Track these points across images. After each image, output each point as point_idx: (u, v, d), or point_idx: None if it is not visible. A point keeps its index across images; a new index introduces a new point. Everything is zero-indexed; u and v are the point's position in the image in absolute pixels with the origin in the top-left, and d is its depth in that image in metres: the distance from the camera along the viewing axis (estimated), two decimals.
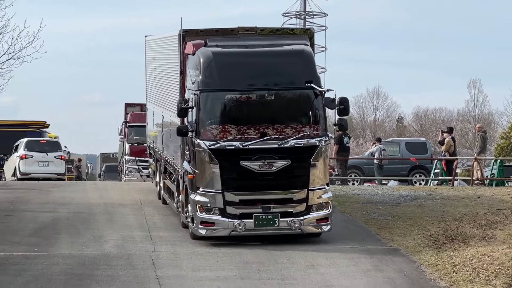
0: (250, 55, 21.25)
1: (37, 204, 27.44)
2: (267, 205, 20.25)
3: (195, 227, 20.54)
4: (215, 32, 22.05)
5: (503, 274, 18.04)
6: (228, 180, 20.16)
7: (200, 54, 20.77)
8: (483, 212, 23.54)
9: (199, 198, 20.38)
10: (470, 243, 20.20)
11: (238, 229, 20.12)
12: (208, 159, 20.10)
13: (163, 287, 17.66)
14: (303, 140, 20.26)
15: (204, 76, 20.35)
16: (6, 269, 18.87)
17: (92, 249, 20.86)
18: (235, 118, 20.51)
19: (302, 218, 20.34)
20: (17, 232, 22.72)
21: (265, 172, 20.05)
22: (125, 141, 44.33)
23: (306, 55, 20.95)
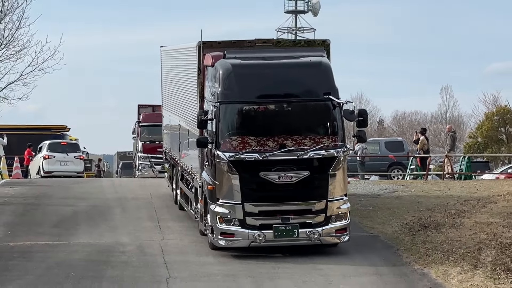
0: (269, 67, 19.36)
1: (59, 199, 27.46)
2: (287, 216, 18.34)
3: (215, 238, 18.58)
4: (232, 44, 20.37)
5: (470, 257, 18.08)
6: (248, 191, 18.31)
7: (219, 66, 18.95)
8: (452, 202, 23.56)
9: (218, 209, 18.45)
10: (441, 230, 20.24)
11: (258, 240, 18.19)
12: (228, 171, 18.27)
13: (170, 271, 17.68)
14: (322, 152, 18.40)
15: (224, 88, 18.48)
16: (32, 256, 18.91)
17: (107, 238, 20.90)
18: (254, 129, 18.59)
19: (321, 229, 18.38)
20: (41, 223, 22.74)
21: (284, 183, 18.23)
22: (138, 139, 42.86)
23: (324, 66, 19.10)
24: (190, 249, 19.68)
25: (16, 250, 19.53)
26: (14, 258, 18.78)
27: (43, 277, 17.24)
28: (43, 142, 42.14)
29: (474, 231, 19.75)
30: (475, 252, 18.34)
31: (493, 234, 19.39)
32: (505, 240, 18.99)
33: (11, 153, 37.57)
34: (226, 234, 18.35)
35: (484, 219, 20.76)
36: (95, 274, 17.43)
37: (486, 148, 67.63)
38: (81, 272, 17.57)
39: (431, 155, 39.34)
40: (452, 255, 18.25)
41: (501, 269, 17.49)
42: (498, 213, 21.38)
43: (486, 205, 22.82)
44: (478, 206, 22.81)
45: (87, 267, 18.02)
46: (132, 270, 17.80)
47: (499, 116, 69.95)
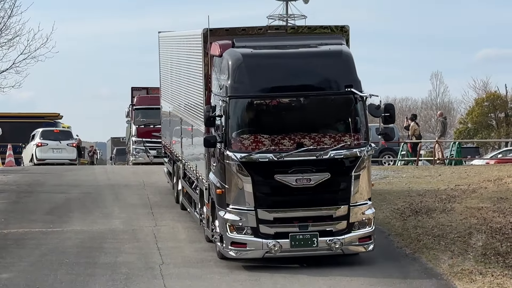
0: (284, 56, 17.11)
1: (51, 186, 27.47)
2: (305, 223, 16.11)
3: (225, 248, 16.36)
4: (241, 32, 18.07)
5: (460, 242, 18.15)
6: (262, 196, 16.04)
7: (228, 56, 16.65)
8: (443, 188, 23.63)
9: (229, 216, 16.21)
10: (432, 215, 20.29)
11: (273, 251, 15.98)
12: (239, 173, 16.00)
13: (163, 257, 17.69)
14: (343, 151, 16.16)
15: (233, 81, 16.23)
16: (25, 244, 18.92)
17: (100, 225, 20.90)
18: (268, 127, 16.36)
19: (343, 237, 16.21)
20: (34, 211, 22.75)
21: (302, 187, 15.97)
22: (132, 123, 41.70)
23: (345, 56, 16.76)
24: (183, 236, 19.69)
25: (9, 238, 19.54)
26: (7, 245, 18.79)
27: (37, 264, 17.25)
28: (36, 130, 42.15)
29: (464, 216, 19.81)
30: (466, 236, 18.40)
31: (484, 219, 19.44)
32: (495, 225, 19.06)
33: (4, 141, 37.57)
34: (237, 244, 16.17)
35: (475, 204, 20.81)
36: (88, 261, 17.45)
37: (476, 134, 67.79)
38: (74, 259, 17.59)
39: (421, 141, 39.39)
40: (443, 240, 18.30)
41: (492, 253, 17.56)
42: (488, 198, 21.44)
43: (476, 190, 22.88)
44: (468, 191, 22.87)
45: (81, 253, 18.04)
46: (125, 256, 17.82)
47: (489, 102, 70.07)
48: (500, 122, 69.26)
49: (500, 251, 17.67)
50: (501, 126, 68.50)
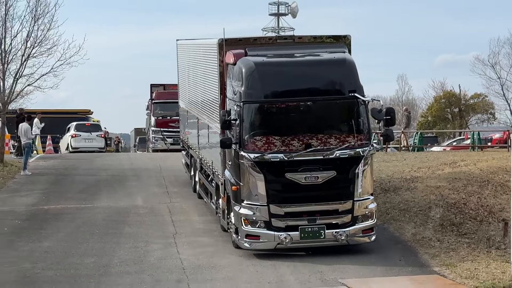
0: (292, 64, 15.93)
1: (84, 170, 27.45)
2: (313, 217, 15.12)
3: (240, 240, 15.33)
4: (253, 41, 16.97)
5: (422, 215, 18.18)
6: (273, 193, 15.04)
7: (241, 64, 15.55)
8: (408, 170, 23.62)
9: (243, 211, 15.17)
10: (398, 192, 20.29)
11: (285, 242, 14.97)
12: (253, 172, 14.98)
13: (176, 228, 17.72)
14: (348, 151, 15.14)
15: (247, 87, 15.14)
16: (62, 217, 18.93)
17: (124, 202, 20.91)
18: (279, 129, 15.28)
19: (348, 229, 15.20)
20: (69, 190, 22.75)
21: (310, 184, 14.97)
22: (151, 115, 40.14)
23: (349, 63, 15.65)
24: (193, 210, 19.71)
25: (49, 212, 19.55)
26: (48, 219, 18.80)
27: (72, 234, 17.27)
28: (71, 123, 42.17)
29: (425, 193, 19.83)
30: (426, 210, 18.43)
31: (441, 196, 19.47)
32: (451, 200, 19.09)
33: (44, 132, 37.40)
34: (252, 236, 15.15)
35: (434, 184, 20.82)
36: (114, 231, 17.47)
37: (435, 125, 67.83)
38: (103, 230, 17.61)
39: None
40: (407, 213, 18.33)
41: (447, 224, 17.62)
42: (444, 178, 21.44)
43: (435, 172, 22.88)
44: (428, 172, 22.86)
45: (108, 225, 18.05)
46: (146, 227, 17.85)
47: (445, 99, 70.15)
48: (454, 115, 69.34)
49: (454, 222, 17.72)
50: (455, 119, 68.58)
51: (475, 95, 70.25)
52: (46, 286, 13.59)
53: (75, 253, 15.67)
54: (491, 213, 18.28)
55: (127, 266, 14.80)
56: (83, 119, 45.78)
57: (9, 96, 26.19)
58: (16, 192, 22.27)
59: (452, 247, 16.12)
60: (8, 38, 26.11)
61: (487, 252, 15.76)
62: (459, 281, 13.76)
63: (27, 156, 25.97)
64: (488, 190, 20.05)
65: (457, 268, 14.54)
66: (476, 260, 15.13)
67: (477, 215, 18.20)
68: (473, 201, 19.03)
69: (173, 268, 14.62)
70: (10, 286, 13.61)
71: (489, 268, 14.54)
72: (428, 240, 16.52)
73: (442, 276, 14.16)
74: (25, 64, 26.22)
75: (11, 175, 24.86)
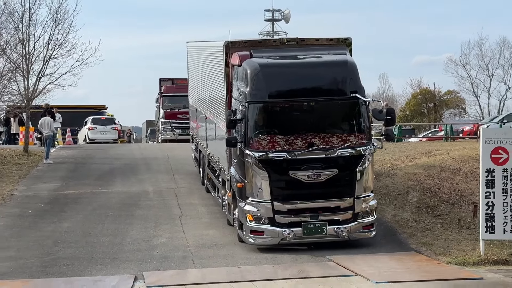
0: (296, 66, 14.94)
1: (100, 159, 27.41)
2: (315, 213, 14.15)
3: (245, 235, 14.41)
4: (258, 44, 16.14)
5: (400, 198, 18.18)
6: (277, 190, 14.09)
7: (247, 65, 14.62)
8: (388, 158, 23.63)
9: (248, 208, 14.20)
10: (379, 178, 20.28)
11: (288, 238, 14.03)
12: (257, 170, 14.03)
13: (182, 211, 17.72)
14: (349, 150, 14.15)
15: (252, 88, 14.20)
16: (81, 201, 18.92)
17: (136, 187, 20.89)
18: (283, 128, 14.30)
19: (349, 226, 14.24)
20: (87, 177, 22.72)
21: (313, 181, 14.00)
22: (160, 107, 38.75)
23: (350, 65, 14.65)
24: (197, 195, 19.69)
25: (69, 197, 19.53)
26: (67, 202, 18.79)
27: (90, 216, 17.27)
28: (88, 117, 42.17)
29: (403, 179, 19.83)
30: (404, 194, 18.44)
31: (418, 181, 19.47)
32: (426, 185, 19.09)
33: (64, 125, 37.31)
34: (256, 232, 14.20)
35: (411, 170, 20.82)
36: (127, 213, 17.48)
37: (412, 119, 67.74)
38: (117, 212, 17.61)
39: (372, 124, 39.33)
40: (387, 197, 18.33)
41: (423, 206, 17.63)
42: (421, 166, 21.44)
43: (412, 160, 22.87)
44: (406, 161, 22.86)
45: (122, 208, 18.05)
46: (155, 210, 17.84)
47: (421, 95, 70.06)
48: (430, 110, 69.27)
49: (429, 205, 17.73)
50: (430, 113, 68.51)
51: (448, 92, 70.27)
52: (66, 262, 13.62)
53: (92, 233, 15.68)
54: (462, 197, 18.30)
55: (138, 244, 14.81)
56: (98, 113, 45.70)
57: (32, 93, 26.20)
58: (39, 178, 22.25)
59: (427, 227, 16.14)
60: (31, 41, 26.17)
61: (458, 232, 15.79)
62: (433, 257, 13.80)
63: (49, 146, 26.00)
64: (459, 177, 20.06)
65: (432, 246, 14.57)
66: (449, 239, 15.16)
67: (449, 198, 18.22)
68: (446, 186, 19.04)
69: (179, 246, 14.63)
70: (35, 262, 13.62)
71: (460, 245, 14.57)
72: (406, 221, 16.53)
73: (419, 253, 14.19)
74: (46, 65, 26.29)
75: (34, 164, 24.83)
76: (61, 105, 37.13)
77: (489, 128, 22.38)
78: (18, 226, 16.29)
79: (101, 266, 13.33)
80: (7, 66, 25.80)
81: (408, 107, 70.63)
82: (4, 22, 25.98)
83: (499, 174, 13.50)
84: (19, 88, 26.27)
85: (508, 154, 13.50)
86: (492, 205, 13.49)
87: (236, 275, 12.43)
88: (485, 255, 13.47)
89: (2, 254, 14.20)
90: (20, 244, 14.83)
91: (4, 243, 14.99)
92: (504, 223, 13.47)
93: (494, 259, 13.26)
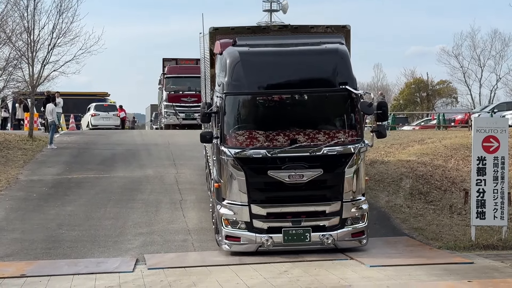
0: (280, 54, 13.08)
1: (102, 144, 27.38)
2: (298, 218, 12.22)
3: (220, 241, 12.65)
4: (246, 30, 14.24)
5: (394, 184, 18.22)
6: (255, 192, 12.19)
7: (226, 54, 12.82)
8: (382, 146, 23.67)
9: (223, 211, 12.39)
10: (374, 165, 20.33)
11: (266, 245, 12.20)
12: (233, 168, 12.16)
13: (182, 195, 17.71)
14: (337, 148, 12.17)
15: (230, 78, 12.38)
16: (84, 185, 18.91)
17: (137, 172, 20.88)
18: (263, 123, 12.49)
19: (336, 233, 12.31)
20: (89, 162, 22.71)
21: (295, 182, 12.06)
22: (163, 89, 35.76)
23: (341, 54, 12.70)
24: (197, 180, 19.68)
25: (72, 181, 19.51)
26: (71, 186, 18.78)
27: (92, 200, 17.26)
28: (91, 104, 42.11)
29: (397, 166, 19.87)
30: (398, 181, 18.47)
31: (411, 168, 19.51)
32: (419, 172, 19.13)
33: (68, 111, 37.28)
34: (232, 237, 12.38)
35: (404, 158, 20.86)
36: (129, 198, 17.47)
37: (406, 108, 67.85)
38: (119, 196, 17.60)
39: None
40: (381, 183, 18.36)
41: (416, 192, 17.66)
42: (414, 153, 21.48)
43: (405, 148, 22.92)
44: (400, 148, 22.91)
45: (123, 193, 18.04)
46: (156, 194, 17.83)
47: (415, 85, 70.15)
48: (422, 99, 69.35)
49: (422, 191, 17.76)
50: (423, 102, 68.59)
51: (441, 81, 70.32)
52: (70, 244, 13.63)
53: (95, 216, 15.68)
54: (454, 184, 18.33)
55: (139, 228, 14.81)
56: (101, 100, 45.63)
57: (37, 80, 26.18)
58: (43, 163, 22.23)
59: (420, 212, 16.16)
60: (36, 30, 26.17)
61: (450, 218, 15.81)
62: (425, 242, 13.82)
63: (53, 132, 26.03)
64: (451, 164, 20.09)
65: (424, 231, 14.59)
66: (441, 224, 15.19)
67: (441, 185, 18.24)
68: (438, 173, 19.06)
69: (179, 230, 14.63)
70: (39, 244, 13.63)
71: (452, 231, 14.59)
72: (399, 206, 16.56)
73: (411, 238, 14.21)
74: (51, 53, 26.28)
75: (39, 149, 24.80)
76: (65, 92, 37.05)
77: (481, 117, 22.38)
78: (23, 209, 16.28)
79: (103, 248, 13.35)
80: (12, 53, 25.80)
81: (401, 96, 70.74)
82: (9, 10, 25.98)
83: (490, 162, 13.51)
84: (24, 75, 26.24)
85: (499, 143, 13.50)
86: (483, 192, 13.50)
87: (234, 258, 12.43)
88: (475, 240, 13.50)
89: (7, 236, 14.21)
90: (25, 227, 14.84)
91: (9, 225, 14.99)
92: (494, 209, 13.50)
93: (484, 244, 13.30)
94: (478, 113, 34.37)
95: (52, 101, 27.50)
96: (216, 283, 10.68)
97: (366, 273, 11.20)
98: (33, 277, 11.30)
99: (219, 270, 11.56)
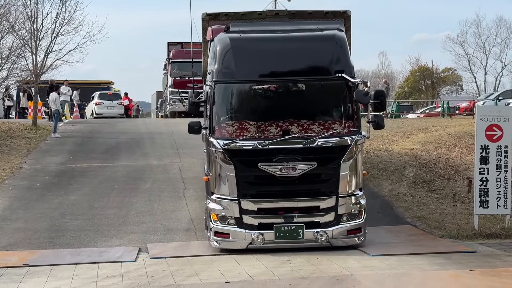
0: (273, 40, 12.27)
1: (106, 133, 27.38)
2: (290, 214, 11.51)
3: (209, 238, 12.03)
4: (241, 16, 13.67)
5: (397, 173, 18.17)
6: (245, 186, 11.47)
7: (217, 40, 12.18)
8: (386, 134, 23.59)
9: (212, 206, 11.76)
10: (377, 154, 20.29)
11: (256, 243, 11.51)
12: (222, 161, 11.49)
13: (185, 184, 17.70)
14: (332, 139, 11.46)
15: (220, 65, 11.71)
16: (87, 174, 18.91)
17: (141, 161, 20.86)
18: (255, 113, 11.85)
19: (330, 229, 11.58)
20: (93, 151, 22.70)
21: (287, 176, 11.34)
22: (168, 75, 34.21)
23: (338, 41, 11.90)
24: (200, 169, 19.57)
25: (76, 170, 19.52)
26: (74, 175, 18.78)
27: (96, 189, 17.27)
28: (95, 93, 42.15)
29: (401, 154, 19.82)
30: (401, 169, 18.42)
31: (414, 157, 19.46)
32: (423, 161, 19.08)
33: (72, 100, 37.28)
34: (220, 234, 11.70)
35: (408, 146, 20.80)
36: (132, 187, 17.46)
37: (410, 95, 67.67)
38: (122, 185, 17.60)
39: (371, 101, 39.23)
40: (385, 171, 18.32)
41: (419, 181, 17.62)
42: (418, 142, 21.42)
43: (409, 136, 22.84)
44: (404, 136, 22.83)
45: (127, 181, 18.03)
46: (159, 183, 17.83)
47: (420, 73, 69.93)
48: (427, 87, 69.14)
49: (425, 180, 17.72)
50: (428, 90, 68.38)
51: (446, 69, 70.07)
52: (73, 233, 13.64)
53: (98, 205, 15.69)
54: (458, 172, 18.28)
55: (142, 216, 14.82)
56: (105, 89, 45.64)
57: (40, 69, 26.16)
58: (47, 152, 22.24)
59: (423, 201, 16.13)
60: (39, 18, 26.14)
61: (453, 206, 15.78)
62: (428, 231, 13.80)
63: (57, 120, 26.04)
64: (455, 152, 20.03)
65: (427, 220, 14.57)
66: (444, 213, 15.16)
67: (445, 173, 18.19)
68: (442, 162, 19.01)
69: (182, 218, 14.63)
70: (42, 233, 13.65)
71: (455, 219, 14.56)
72: (402, 195, 16.52)
73: (414, 227, 14.19)
74: (54, 41, 26.26)
75: (43, 138, 24.82)
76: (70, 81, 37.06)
77: (484, 106, 22.28)
78: (26, 198, 16.30)
79: (106, 237, 13.36)
80: (16, 42, 25.82)
81: (406, 84, 70.56)
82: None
83: (493, 151, 13.46)
84: (27, 64, 26.27)
85: (503, 131, 13.45)
86: (486, 180, 13.47)
87: None
88: (478, 229, 13.47)
89: (10, 225, 14.23)
90: (28, 216, 14.85)
91: (12, 214, 15.02)
92: (498, 198, 13.46)
93: (487, 233, 13.28)
94: (483, 101, 34.26)
95: (55, 90, 27.47)
96: (218, 272, 10.68)
97: (368, 262, 11.19)
98: (36, 267, 11.33)
99: (222, 259, 11.55)
